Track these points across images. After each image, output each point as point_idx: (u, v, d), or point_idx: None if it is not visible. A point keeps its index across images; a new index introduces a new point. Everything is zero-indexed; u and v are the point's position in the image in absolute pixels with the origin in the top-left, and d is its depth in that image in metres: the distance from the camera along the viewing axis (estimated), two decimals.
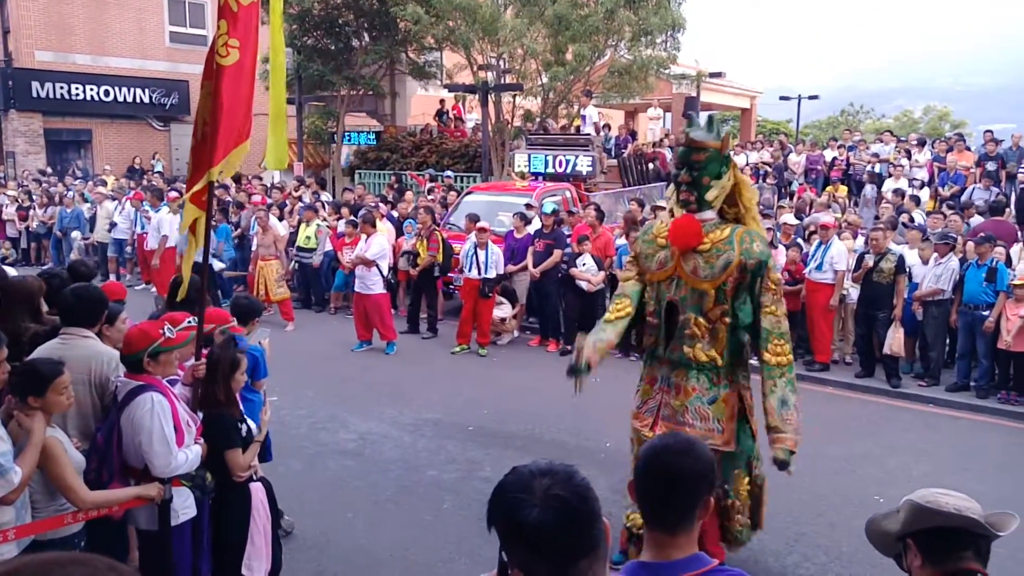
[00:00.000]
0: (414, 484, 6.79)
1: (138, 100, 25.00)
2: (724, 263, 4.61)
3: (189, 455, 3.88)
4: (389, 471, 7.04)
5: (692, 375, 4.80)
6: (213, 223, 7.92)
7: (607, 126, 21.33)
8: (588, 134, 17.42)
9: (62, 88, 23.41)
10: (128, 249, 15.73)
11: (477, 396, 9.16)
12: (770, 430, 4.83)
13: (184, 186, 4.82)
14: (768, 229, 10.42)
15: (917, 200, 13.65)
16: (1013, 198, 14.44)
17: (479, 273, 11.02)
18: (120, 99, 24.63)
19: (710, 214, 4.72)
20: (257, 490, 4.31)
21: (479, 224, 11.30)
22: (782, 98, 30.35)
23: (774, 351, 4.74)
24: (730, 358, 4.84)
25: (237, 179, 18.27)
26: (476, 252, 11.07)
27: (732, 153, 4.98)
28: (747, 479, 5.15)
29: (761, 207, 12.43)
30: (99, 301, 4.41)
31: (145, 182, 19.25)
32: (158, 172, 22.52)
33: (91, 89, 23.93)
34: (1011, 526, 2.24)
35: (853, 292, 10.30)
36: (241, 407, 4.35)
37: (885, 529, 2.42)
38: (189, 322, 4.15)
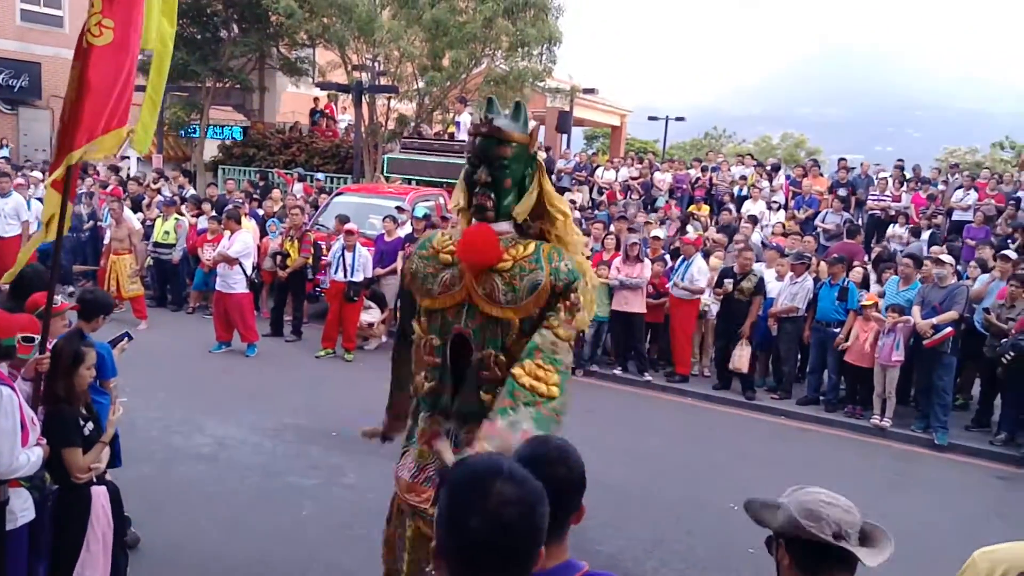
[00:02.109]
0: (273, 490, 6.53)
1: None
2: (531, 285, 3.56)
3: (31, 456, 3.59)
4: (247, 477, 6.74)
5: None
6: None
7: (536, 152, 21.38)
8: (463, 141, 17.42)
9: None
10: None
11: (342, 401, 8.92)
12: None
13: (42, 172, 4.49)
14: (634, 243, 10.68)
15: (755, 220, 14.25)
16: (861, 222, 15.38)
17: (345, 276, 10.78)
18: None
19: (506, 226, 3.68)
20: (99, 494, 4.01)
21: (347, 226, 11.07)
22: (650, 118, 31.33)
23: (531, 371, 3.38)
24: None
25: (84, 169, 17.30)
26: (343, 254, 10.84)
27: (538, 152, 3.90)
28: None
29: (627, 221, 12.83)
30: None
31: None
32: (4, 157, 21.02)
33: None
34: (880, 558, 2.23)
35: (713, 308, 10.70)
36: (84, 404, 4.05)
37: (762, 518, 2.41)
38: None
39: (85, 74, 3.81)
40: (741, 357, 10.00)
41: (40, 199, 10.60)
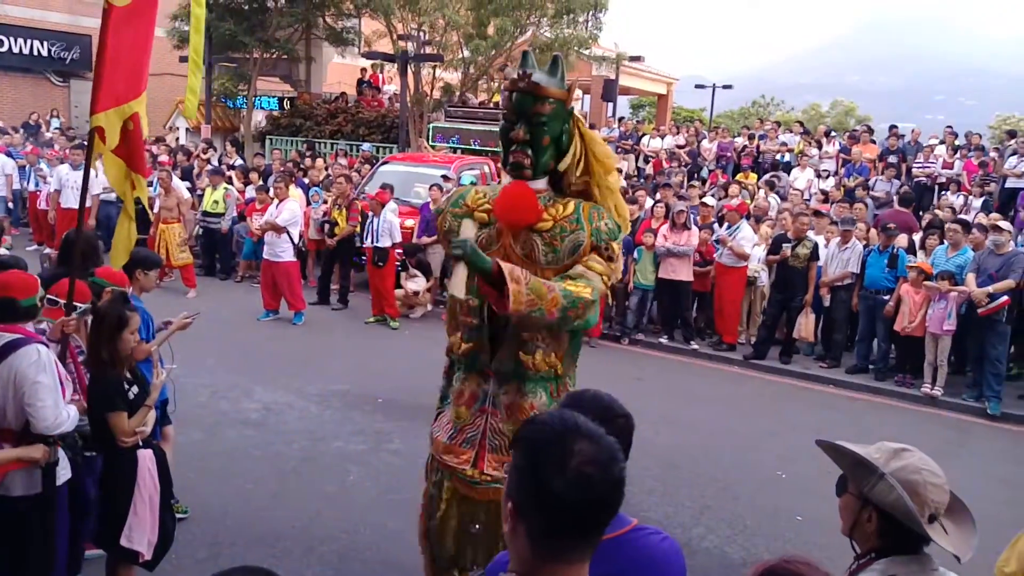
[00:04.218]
0: (319, 455, 6.59)
1: (35, 53, 23.73)
2: (573, 246, 3.50)
3: (71, 412, 3.63)
4: (293, 442, 6.82)
5: (529, 390, 3.63)
6: None
7: (573, 108, 21.23)
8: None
9: None
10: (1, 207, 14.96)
11: (387, 368, 8.98)
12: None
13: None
14: (680, 211, 10.53)
15: (772, 184, 14.31)
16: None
17: (372, 242, 10.82)
18: (15, 50, 23.35)
19: (541, 183, 3.62)
20: (145, 457, 4.02)
21: (374, 192, 11.12)
22: (697, 86, 30.77)
23: (565, 282, 3.39)
24: (567, 361, 3.78)
25: None
26: (372, 220, 10.87)
27: (575, 107, 3.76)
28: None
29: (673, 189, 12.66)
30: None
31: (42, 138, 18.30)
32: (57, 129, 21.42)
33: None
34: (967, 552, 2.17)
35: (763, 276, 10.52)
36: (129, 368, 4.07)
37: (855, 476, 2.25)
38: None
39: (105, 36, 3.80)
40: (807, 325, 9.86)
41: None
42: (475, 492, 3.58)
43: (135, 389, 3.99)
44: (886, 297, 9.46)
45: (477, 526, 3.60)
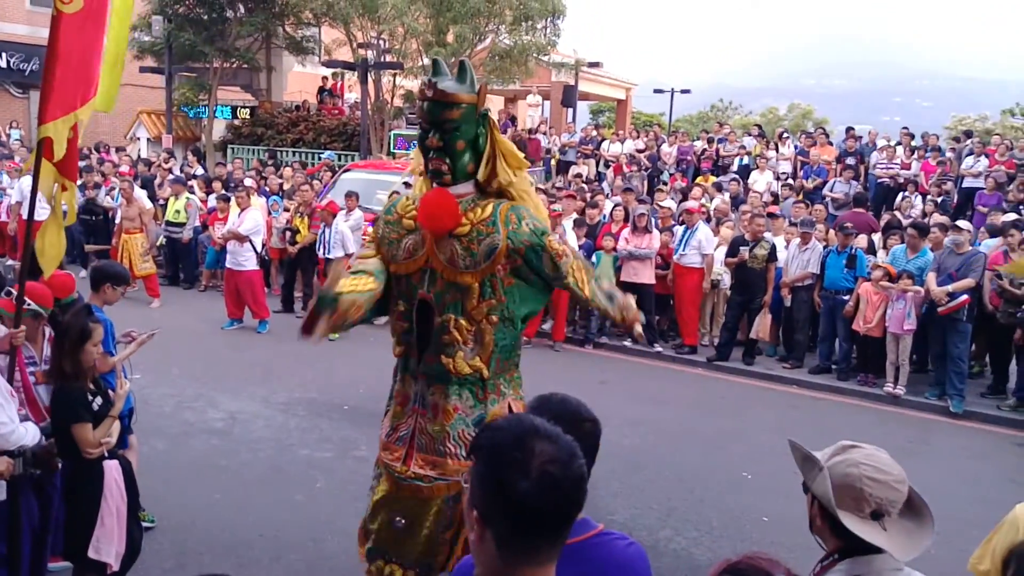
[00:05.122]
0: (286, 463, 6.57)
1: None
2: (488, 249, 3.56)
3: (30, 429, 3.61)
4: (259, 451, 6.79)
5: (452, 391, 3.70)
6: None
7: (487, 110, 21.31)
8: None
9: None
10: None
11: (353, 376, 8.96)
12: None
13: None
14: (641, 214, 10.64)
15: (719, 187, 14.65)
16: (868, 190, 15.31)
17: (324, 252, 10.80)
18: None
19: (465, 187, 3.67)
20: (111, 468, 4.01)
21: (324, 201, 11.09)
22: (656, 91, 31.03)
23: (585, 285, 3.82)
24: (499, 365, 3.79)
25: (95, 148, 17.39)
26: (324, 230, 10.84)
27: (489, 110, 3.89)
28: None
29: (633, 193, 12.78)
30: None
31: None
32: (16, 140, 21.07)
33: None
34: (909, 552, 2.16)
35: (726, 278, 10.63)
36: (92, 379, 4.05)
37: (802, 470, 2.31)
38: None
39: (55, 44, 3.76)
40: (764, 325, 9.99)
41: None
42: (401, 488, 3.74)
43: (99, 400, 3.98)
44: (846, 297, 9.55)
45: (401, 520, 3.74)
